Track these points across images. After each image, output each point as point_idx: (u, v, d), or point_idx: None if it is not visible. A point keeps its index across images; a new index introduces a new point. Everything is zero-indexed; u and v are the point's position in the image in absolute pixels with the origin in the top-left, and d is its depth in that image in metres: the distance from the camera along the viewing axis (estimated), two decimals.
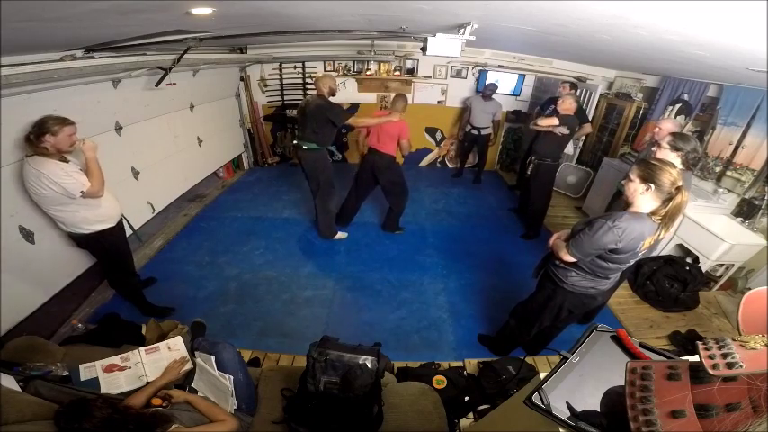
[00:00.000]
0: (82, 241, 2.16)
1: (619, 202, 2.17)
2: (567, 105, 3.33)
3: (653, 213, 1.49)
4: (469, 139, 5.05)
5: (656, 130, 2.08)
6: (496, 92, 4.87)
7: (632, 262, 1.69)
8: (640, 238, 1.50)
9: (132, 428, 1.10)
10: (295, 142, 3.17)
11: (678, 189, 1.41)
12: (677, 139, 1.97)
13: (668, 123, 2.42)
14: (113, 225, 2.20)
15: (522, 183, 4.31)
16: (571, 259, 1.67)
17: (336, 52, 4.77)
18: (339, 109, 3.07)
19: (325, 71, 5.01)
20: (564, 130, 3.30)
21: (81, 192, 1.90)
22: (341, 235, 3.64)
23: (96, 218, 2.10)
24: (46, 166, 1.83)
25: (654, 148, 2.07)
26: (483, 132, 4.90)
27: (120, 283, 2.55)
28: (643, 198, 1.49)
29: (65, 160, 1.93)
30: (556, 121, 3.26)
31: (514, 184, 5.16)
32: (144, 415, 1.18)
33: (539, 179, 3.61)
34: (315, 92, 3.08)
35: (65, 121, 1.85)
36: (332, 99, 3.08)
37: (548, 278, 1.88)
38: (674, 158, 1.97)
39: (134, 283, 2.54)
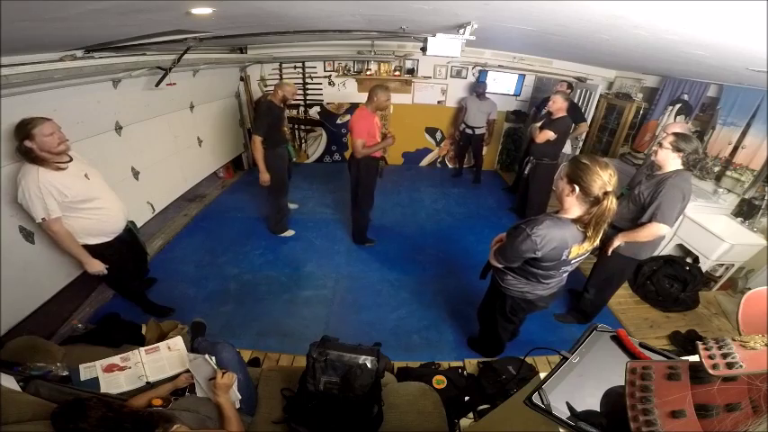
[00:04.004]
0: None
1: (623, 205, 2.16)
2: (558, 105, 3.36)
3: (578, 220, 1.38)
4: (465, 138, 5.06)
5: (664, 135, 2.07)
6: (497, 92, 4.87)
7: (567, 269, 1.60)
8: (563, 247, 1.41)
9: (129, 427, 1.09)
10: None
11: (606, 194, 1.28)
12: (679, 139, 1.94)
13: (676, 128, 2.37)
14: (110, 240, 2.09)
15: (521, 183, 4.31)
16: (498, 265, 1.64)
17: (336, 52, 4.77)
18: (262, 122, 3.06)
19: (325, 71, 5.02)
20: (553, 135, 3.36)
21: (42, 219, 1.73)
22: (289, 232, 3.68)
23: (87, 231, 1.97)
24: (28, 174, 1.69)
25: (655, 148, 2.06)
26: (477, 132, 4.90)
27: (119, 288, 2.53)
28: (569, 200, 1.38)
29: (61, 167, 1.79)
30: (552, 135, 3.34)
31: (511, 186, 5.15)
32: (140, 414, 1.18)
33: (537, 179, 3.62)
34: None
35: (38, 120, 1.67)
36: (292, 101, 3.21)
37: (493, 279, 1.86)
38: (675, 159, 1.96)
39: (134, 288, 2.52)
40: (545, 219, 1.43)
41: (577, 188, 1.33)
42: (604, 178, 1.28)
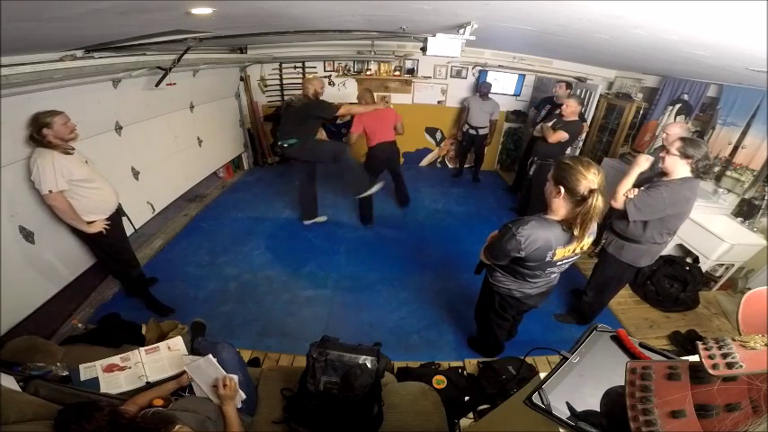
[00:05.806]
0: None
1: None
2: (572, 109, 3.38)
3: (564, 220, 1.40)
4: (468, 138, 5.05)
5: (664, 135, 1.98)
6: (497, 92, 4.87)
7: (553, 270, 1.60)
8: (547, 248, 1.43)
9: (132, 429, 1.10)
10: (279, 143, 3.32)
11: (591, 192, 1.29)
12: (687, 145, 1.83)
13: (676, 128, 2.31)
14: (105, 216, 2.23)
15: (524, 183, 4.31)
16: (487, 261, 1.67)
17: (336, 52, 4.77)
18: (326, 104, 3.21)
19: (325, 71, 5.01)
20: (566, 137, 3.37)
21: (49, 190, 1.92)
22: (319, 219, 3.89)
23: (88, 209, 2.13)
24: (44, 155, 1.91)
25: (662, 154, 1.95)
26: (481, 132, 4.90)
27: (122, 276, 2.58)
28: (557, 201, 1.40)
29: (68, 152, 2.01)
30: (566, 136, 3.35)
31: (511, 186, 5.16)
32: (143, 417, 1.18)
33: (541, 180, 3.61)
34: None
35: (53, 113, 1.93)
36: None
37: (485, 276, 1.88)
38: (683, 166, 1.86)
39: (136, 275, 2.57)
40: (531, 219, 1.45)
41: (563, 189, 1.36)
42: (589, 177, 1.31)
